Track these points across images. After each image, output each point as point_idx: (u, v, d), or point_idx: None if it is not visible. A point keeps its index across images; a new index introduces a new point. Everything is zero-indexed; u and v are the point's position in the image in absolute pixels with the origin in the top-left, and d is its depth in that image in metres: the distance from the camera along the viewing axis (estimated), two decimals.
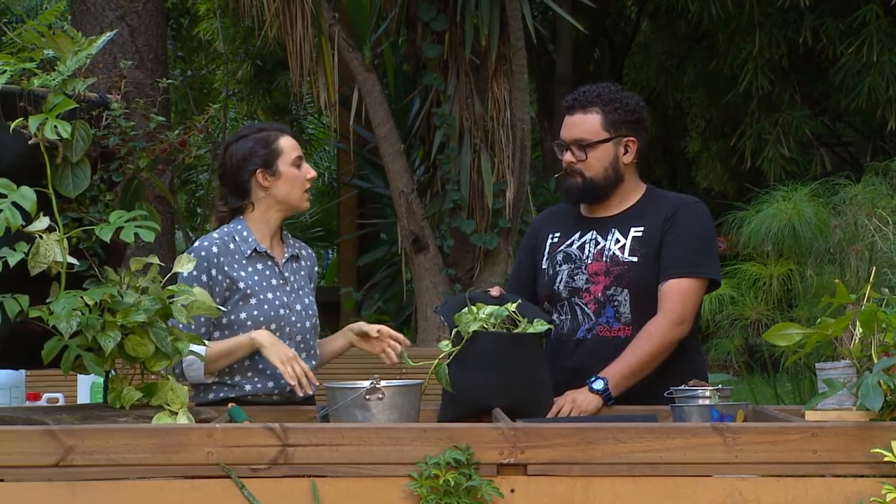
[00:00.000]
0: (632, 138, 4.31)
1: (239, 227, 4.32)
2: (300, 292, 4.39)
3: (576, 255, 4.31)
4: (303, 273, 4.45)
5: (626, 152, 4.31)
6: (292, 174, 4.33)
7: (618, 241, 4.27)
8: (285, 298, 4.30)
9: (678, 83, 14.94)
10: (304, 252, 4.50)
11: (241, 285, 4.21)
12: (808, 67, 13.21)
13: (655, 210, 4.30)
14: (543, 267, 4.39)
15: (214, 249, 4.23)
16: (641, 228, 4.27)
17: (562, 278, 4.31)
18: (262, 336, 4.14)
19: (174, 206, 10.08)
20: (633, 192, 4.36)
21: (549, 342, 4.23)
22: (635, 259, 4.23)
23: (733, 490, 3.20)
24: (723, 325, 7.41)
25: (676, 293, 4.17)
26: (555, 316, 4.31)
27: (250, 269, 4.26)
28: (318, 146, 20.97)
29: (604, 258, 4.26)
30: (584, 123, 4.29)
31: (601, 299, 4.23)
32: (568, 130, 4.32)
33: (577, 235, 4.36)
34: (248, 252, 4.27)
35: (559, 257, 4.35)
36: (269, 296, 4.24)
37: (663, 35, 15.25)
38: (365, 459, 3.18)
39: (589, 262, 4.28)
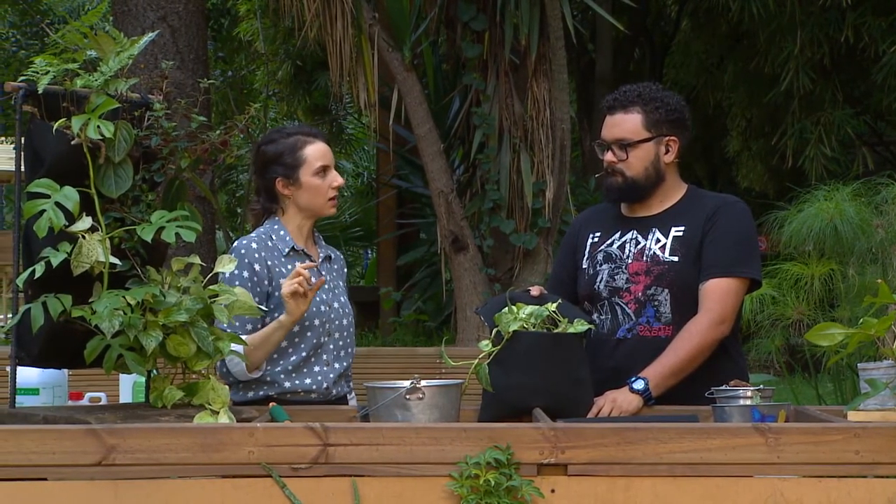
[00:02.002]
0: (673, 138, 4.30)
1: (275, 226, 4.34)
2: (335, 291, 4.42)
3: (616, 255, 4.30)
4: (335, 274, 4.48)
5: (668, 152, 4.30)
6: (313, 184, 4.32)
7: (658, 240, 4.26)
8: (325, 296, 4.33)
9: (718, 82, 14.90)
10: (333, 254, 4.53)
11: (282, 282, 4.23)
12: (849, 66, 13.14)
13: (696, 210, 4.28)
14: (584, 267, 4.38)
15: (254, 245, 4.26)
16: (682, 228, 4.25)
17: (602, 278, 4.30)
18: (284, 318, 4.15)
19: (215, 206, 10.11)
20: (674, 192, 4.35)
21: (590, 342, 4.22)
22: (676, 259, 4.21)
23: (775, 491, 3.18)
24: (764, 325, 7.37)
25: (717, 293, 4.15)
26: (595, 316, 4.31)
27: (289, 266, 4.28)
28: (357, 146, 21.04)
29: (644, 258, 4.25)
30: (625, 123, 4.27)
31: (641, 299, 4.22)
32: (609, 130, 4.30)
33: (617, 235, 4.34)
34: (286, 250, 4.30)
35: (599, 257, 4.34)
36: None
37: (704, 34, 15.20)
38: (405, 459, 3.18)
39: (629, 261, 4.26)
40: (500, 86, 9.02)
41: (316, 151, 4.34)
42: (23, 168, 3.59)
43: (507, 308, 3.88)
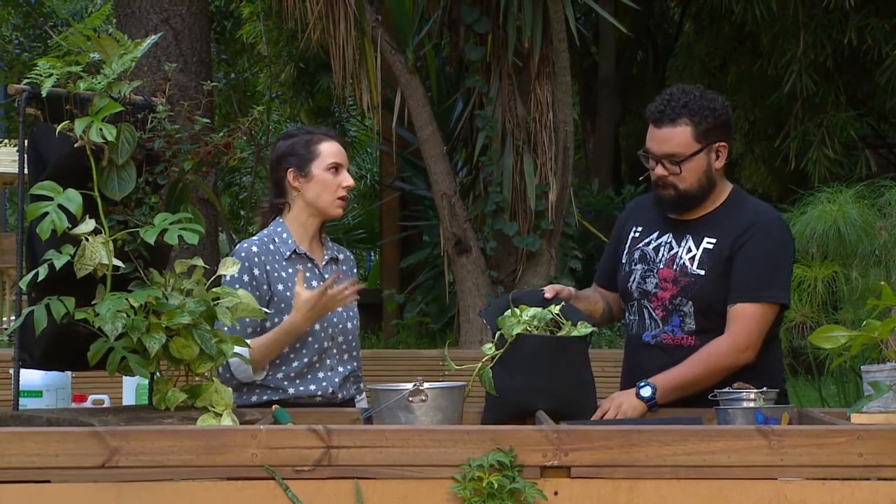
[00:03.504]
0: (723, 143, 4.21)
1: (278, 229, 4.34)
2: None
3: (650, 257, 4.26)
4: (340, 277, 4.46)
5: (718, 157, 4.21)
6: (324, 178, 4.32)
7: (689, 250, 4.20)
8: None
9: (721, 84, 14.86)
10: (342, 255, 4.51)
11: (281, 287, 4.23)
12: (852, 68, 13.12)
13: (731, 222, 4.20)
14: (623, 262, 4.35)
15: (255, 249, 4.25)
16: (714, 241, 4.17)
17: (635, 278, 4.27)
18: (295, 317, 4.15)
19: (218, 209, 10.12)
20: (719, 196, 4.27)
21: (626, 340, 4.33)
22: (702, 272, 4.15)
23: (778, 493, 3.18)
24: None
25: (744, 318, 4.10)
26: (626, 314, 4.33)
27: (290, 270, 4.27)
28: (360, 148, 21.01)
29: (674, 266, 4.19)
30: (675, 137, 4.15)
31: (669, 307, 4.18)
32: (658, 145, 4.19)
33: (655, 235, 4.29)
34: (288, 253, 4.29)
35: (636, 255, 4.30)
36: None
37: (707, 36, 15.18)
38: (408, 461, 3.18)
39: (661, 266, 4.21)
40: (503, 88, 9.01)
41: (331, 148, 4.35)
42: (26, 170, 3.59)
43: (509, 311, 3.88)
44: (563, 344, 3.88)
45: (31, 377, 4.29)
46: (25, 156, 3.59)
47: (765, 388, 3.79)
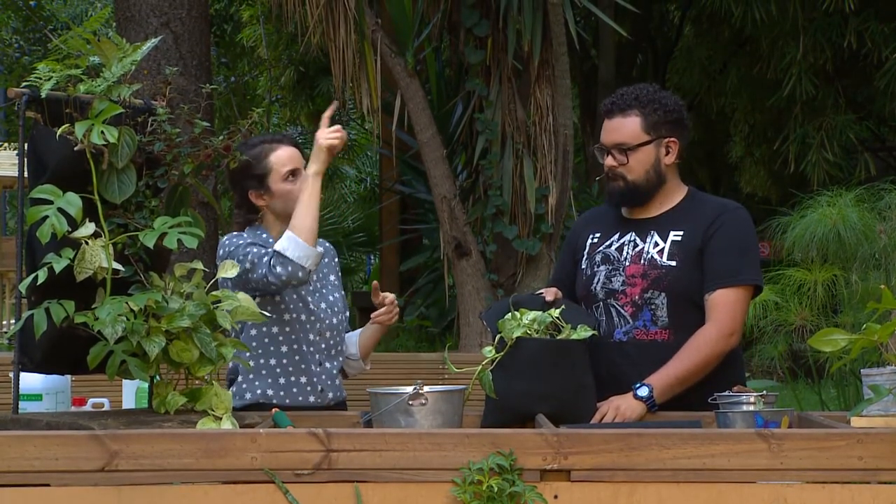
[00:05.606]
0: (673, 139, 4.28)
1: (258, 231, 4.34)
2: (324, 290, 4.40)
3: (614, 257, 4.29)
4: (325, 270, 4.45)
5: (668, 153, 4.28)
6: (284, 190, 4.31)
7: (657, 244, 4.24)
8: (309, 298, 4.31)
9: (721, 88, 14.89)
10: (321, 248, 4.50)
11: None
12: (852, 72, 13.13)
13: (696, 215, 4.27)
14: (582, 267, 4.37)
15: (242, 242, 4.25)
16: (681, 233, 4.24)
17: (599, 279, 4.29)
18: (310, 170, 4.18)
19: (218, 212, 10.11)
20: (674, 194, 4.33)
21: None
22: (674, 263, 4.20)
23: (778, 497, 3.18)
24: (767, 331, 7.36)
25: (726, 304, 4.14)
26: None
27: None
28: (360, 152, 21.04)
29: (642, 261, 4.23)
30: (624, 127, 4.24)
31: (638, 302, 4.20)
32: (608, 135, 4.28)
33: (616, 237, 4.33)
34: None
35: (598, 258, 4.32)
36: (294, 296, 4.25)
37: (706, 40, 15.19)
38: (408, 465, 3.18)
39: (627, 264, 4.25)
40: (503, 91, 9.01)
41: (281, 157, 4.34)
42: (26, 174, 3.59)
43: (510, 314, 3.88)
44: (563, 347, 3.89)
45: (30, 381, 4.29)
46: (25, 159, 3.59)
47: (765, 392, 3.79)
